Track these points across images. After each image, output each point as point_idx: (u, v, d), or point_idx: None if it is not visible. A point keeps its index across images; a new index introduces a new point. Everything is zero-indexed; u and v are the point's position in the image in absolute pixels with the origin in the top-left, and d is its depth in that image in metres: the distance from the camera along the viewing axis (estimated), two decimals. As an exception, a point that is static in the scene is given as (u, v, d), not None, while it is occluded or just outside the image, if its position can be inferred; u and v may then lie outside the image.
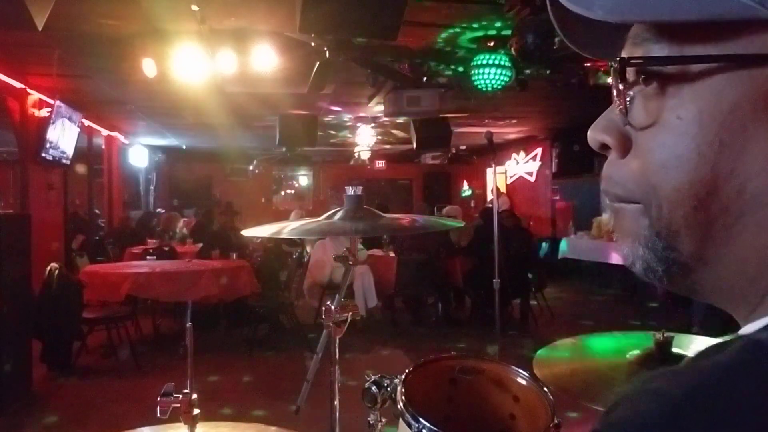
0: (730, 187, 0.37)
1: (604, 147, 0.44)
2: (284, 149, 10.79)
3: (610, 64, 0.41)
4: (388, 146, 12.36)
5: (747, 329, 0.39)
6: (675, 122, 0.39)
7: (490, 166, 11.45)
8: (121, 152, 11.06)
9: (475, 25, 5.04)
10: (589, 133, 0.45)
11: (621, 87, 0.40)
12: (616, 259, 8.18)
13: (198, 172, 14.85)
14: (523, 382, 1.30)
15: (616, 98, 0.41)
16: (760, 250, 0.38)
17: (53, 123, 6.89)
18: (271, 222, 1.56)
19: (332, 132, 10.53)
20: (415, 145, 8.29)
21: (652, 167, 0.40)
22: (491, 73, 5.48)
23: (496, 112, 8.92)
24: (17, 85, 6.44)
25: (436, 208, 10.30)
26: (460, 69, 6.06)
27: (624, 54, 0.43)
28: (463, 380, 1.34)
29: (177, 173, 15.02)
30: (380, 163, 15.11)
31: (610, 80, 0.41)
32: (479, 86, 5.61)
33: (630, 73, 0.40)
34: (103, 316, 5.49)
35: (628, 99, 0.41)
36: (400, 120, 8.90)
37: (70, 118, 7.39)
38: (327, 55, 4.97)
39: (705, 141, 0.38)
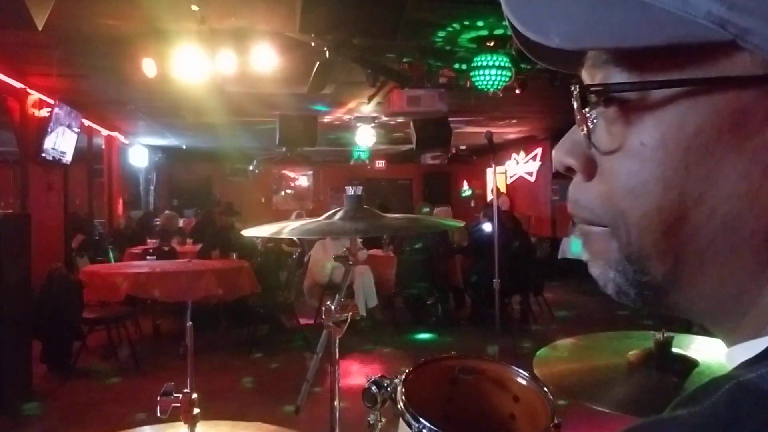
0: (700, 213, 0.37)
1: (570, 170, 0.43)
2: (284, 149, 10.81)
3: (571, 88, 0.40)
4: (388, 146, 12.36)
5: (734, 355, 0.39)
6: (639, 148, 0.38)
7: (490, 166, 11.44)
8: (121, 152, 11.06)
9: (471, 24, 5.04)
10: (554, 154, 0.44)
11: (582, 111, 0.39)
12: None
13: (198, 172, 14.85)
14: (523, 382, 1.30)
15: (578, 120, 0.40)
16: (734, 273, 0.38)
17: (53, 124, 6.89)
18: (271, 222, 1.56)
19: (332, 134, 10.53)
20: (415, 145, 8.29)
21: (619, 193, 0.39)
22: (491, 73, 5.49)
23: (496, 112, 8.92)
24: (17, 85, 6.44)
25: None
26: (461, 68, 6.06)
27: (584, 74, 0.42)
28: (463, 380, 1.34)
29: (177, 173, 15.01)
30: (380, 163, 15.11)
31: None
32: (479, 86, 5.61)
33: (592, 96, 0.39)
34: (103, 316, 5.49)
35: (590, 122, 0.40)
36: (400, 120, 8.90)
37: (69, 122, 7.39)
38: (327, 55, 4.97)
39: (670, 167, 0.37)
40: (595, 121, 0.40)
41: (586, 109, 0.39)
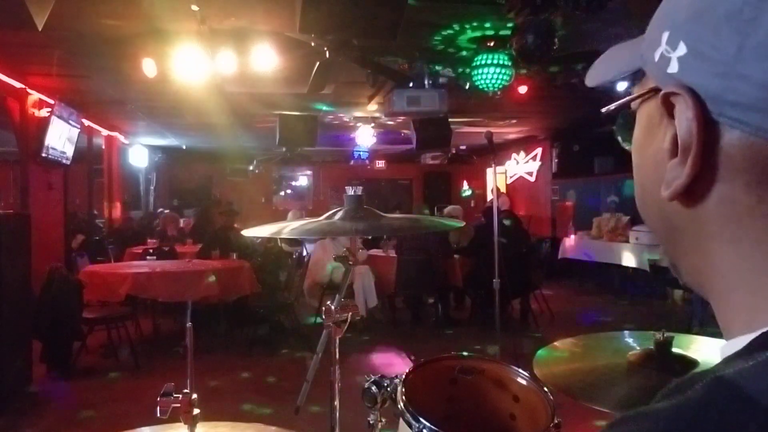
0: (670, 208, 0.42)
1: None
2: (284, 149, 10.80)
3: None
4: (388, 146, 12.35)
5: (725, 350, 0.40)
6: (633, 152, 0.46)
7: (490, 166, 11.43)
8: (121, 152, 11.05)
9: (474, 24, 5.04)
10: None
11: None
12: (615, 258, 8.19)
13: (198, 172, 14.84)
14: (523, 382, 1.30)
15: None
16: (712, 267, 0.41)
17: (53, 123, 6.89)
18: (271, 222, 1.56)
19: (332, 133, 10.52)
20: (415, 145, 8.28)
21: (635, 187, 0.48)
22: (492, 72, 5.48)
23: (496, 112, 8.91)
24: (17, 85, 6.44)
25: (436, 209, 10.29)
26: (461, 69, 6.05)
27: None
28: (463, 380, 1.34)
29: (177, 173, 15.01)
30: (380, 163, 15.10)
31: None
32: (480, 86, 5.60)
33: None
34: (103, 316, 5.48)
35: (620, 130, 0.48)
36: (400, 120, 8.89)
37: (69, 119, 7.39)
38: (327, 55, 4.96)
39: (640, 164, 0.45)
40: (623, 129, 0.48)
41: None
